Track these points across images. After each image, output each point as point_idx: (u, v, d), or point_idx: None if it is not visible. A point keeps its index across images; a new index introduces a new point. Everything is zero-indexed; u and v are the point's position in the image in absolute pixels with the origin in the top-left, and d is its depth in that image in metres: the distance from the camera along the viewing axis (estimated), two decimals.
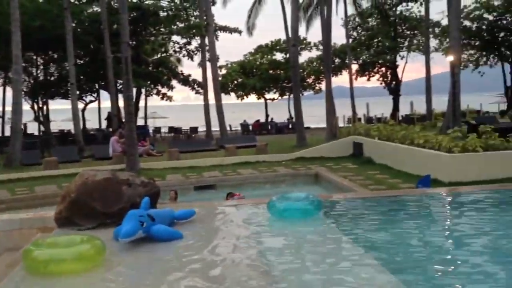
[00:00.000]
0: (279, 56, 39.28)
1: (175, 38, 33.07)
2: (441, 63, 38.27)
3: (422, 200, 6.90)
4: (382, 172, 13.46)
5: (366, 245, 4.17)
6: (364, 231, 5.01)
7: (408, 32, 38.60)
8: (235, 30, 34.14)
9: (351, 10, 34.35)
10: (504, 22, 36.05)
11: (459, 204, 6.66)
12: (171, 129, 35.40)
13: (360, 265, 3.57)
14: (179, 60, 36.35)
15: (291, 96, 32.94)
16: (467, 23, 36.30)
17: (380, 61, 38.19)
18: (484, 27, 36.48)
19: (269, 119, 38.56)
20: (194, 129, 33.93)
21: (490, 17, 36.05)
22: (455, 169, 11.07)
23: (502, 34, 36.87)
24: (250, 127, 34.84)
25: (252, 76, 38.24)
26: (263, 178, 14.11)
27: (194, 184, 13.74)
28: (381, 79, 39.76)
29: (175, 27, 29.29)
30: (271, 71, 38.19)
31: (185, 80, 32.85)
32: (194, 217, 4.73)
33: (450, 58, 18.61)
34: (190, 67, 35.46)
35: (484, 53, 39.21)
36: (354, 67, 38.34)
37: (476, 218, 5.78)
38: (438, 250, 4.40)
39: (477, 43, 37.92)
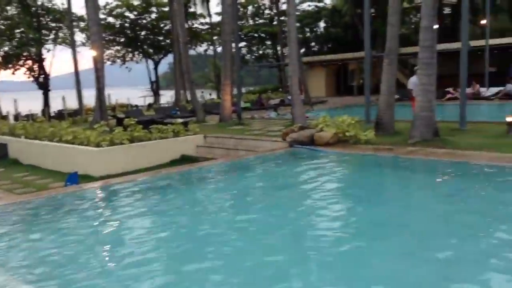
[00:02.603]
0: None
1: None
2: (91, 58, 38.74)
3: (76, 197, 6.91)
4: (32, 173, 12.57)
5: None
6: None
7: (54, 25, 37.11)
8: None
9: None
10: (144, 21, 39.43)
11: (112, 196, 7.02)
12: None
13: None
14: None
15: None
16: (111, 19, 37.84)
17: (25, 54, 35.40)
18: (127, 24, 38.93)
19: None
20: None
21: (132, 16, 38.75)
22: (104, 162, 11.35)
23: (143, 33, 40.22)
24: None
25: None
26: None
27: None
28: (28, 72, 36.98)
29: None
30: None
31: None
32: None
33: (93, 53, 18.79)
34: None
35: (129, 49, 41.86)
36: None
37: (130, 208, 6.20)
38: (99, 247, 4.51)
39: (122, 40, 40.11)
